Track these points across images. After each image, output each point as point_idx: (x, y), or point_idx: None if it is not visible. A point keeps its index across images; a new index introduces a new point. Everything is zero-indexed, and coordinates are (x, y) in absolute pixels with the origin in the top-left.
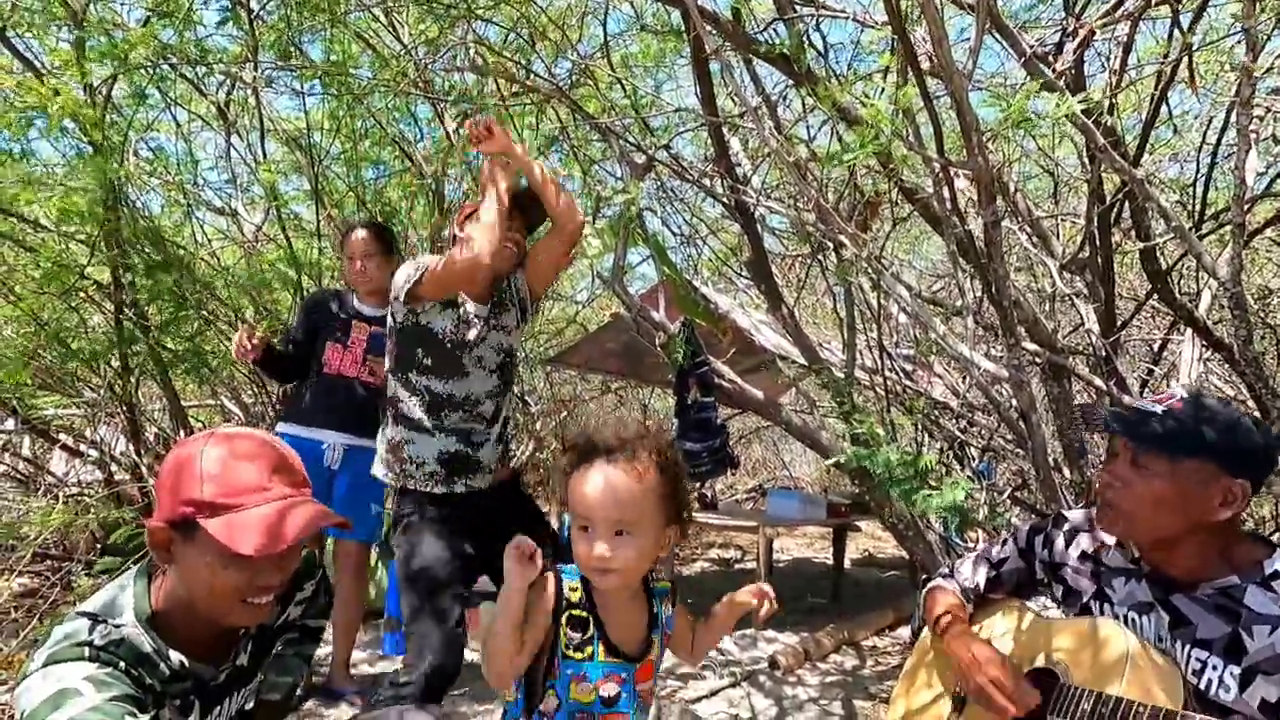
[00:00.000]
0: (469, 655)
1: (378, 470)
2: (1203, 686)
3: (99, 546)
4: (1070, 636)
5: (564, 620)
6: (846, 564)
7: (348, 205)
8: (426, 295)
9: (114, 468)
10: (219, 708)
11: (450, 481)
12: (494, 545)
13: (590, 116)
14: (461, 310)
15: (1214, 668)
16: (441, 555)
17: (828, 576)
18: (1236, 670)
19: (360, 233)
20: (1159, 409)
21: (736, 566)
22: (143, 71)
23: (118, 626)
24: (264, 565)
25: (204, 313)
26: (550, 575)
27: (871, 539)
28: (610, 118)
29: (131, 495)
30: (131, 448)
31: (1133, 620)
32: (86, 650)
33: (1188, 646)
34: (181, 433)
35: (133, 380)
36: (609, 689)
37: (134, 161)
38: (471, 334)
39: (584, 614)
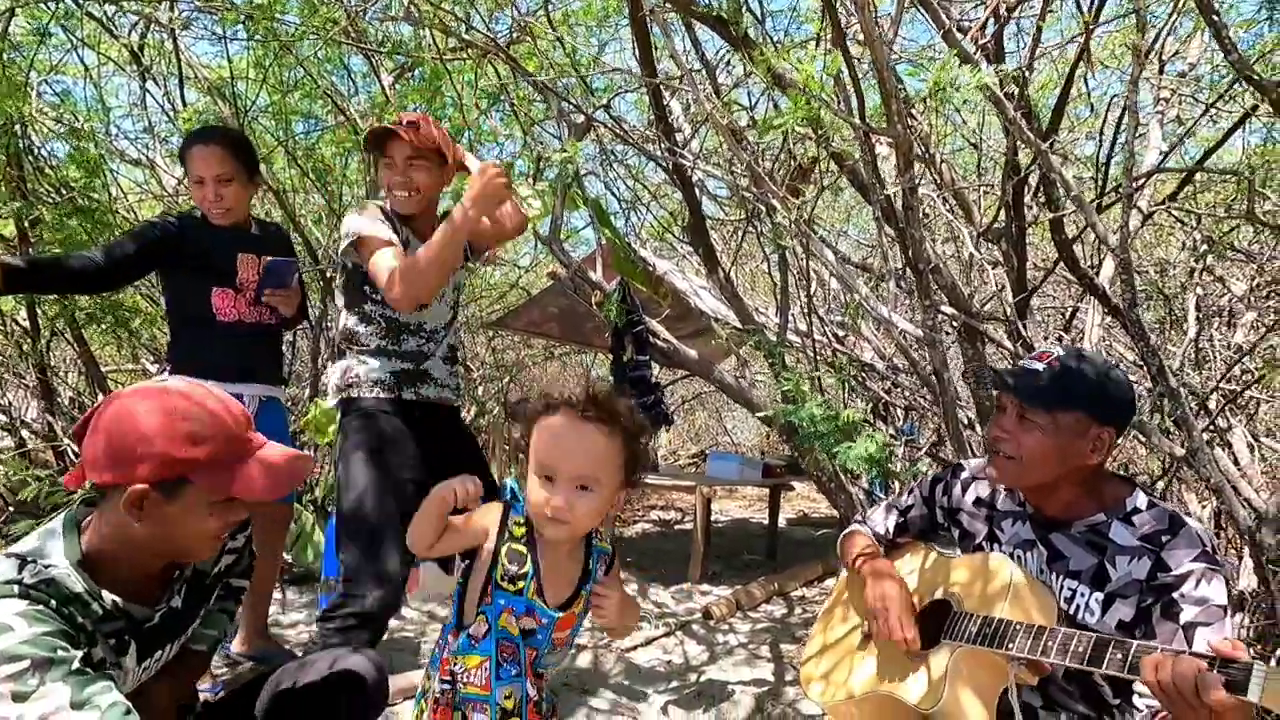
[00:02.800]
0: (408, 613)
1: (330, 401)
2: (1072, 611)
3: (10, 510)
4: (964, 570)
5: (504, 551)
6: (781, 523)
7: (277, 161)
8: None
9: (25, 433)
10: (160, 651)
11: (398, 389)
12: (436, 474)
13: (529, 73)
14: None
15: (1082, 595)
16: (381, 478)
17: (763, 535)
18: (1100, 596)
19: (211, 148)
20: (1040, 367)
21: (676, 527)
22: (43, 6)
23: (47, 567)
24: (239, 505)
25: None
26: (500, 506)
27: (806, 500)
28: (549, 76)
29: (44, 459)
30: (43, 410)
31: (1018, 556)
32: (16, 588)
33: (1062, 577)
34: (100, 395)
35: (44, 340)
36: (529, 624)
37: (37, 104)
38: None
39: (524, 550)
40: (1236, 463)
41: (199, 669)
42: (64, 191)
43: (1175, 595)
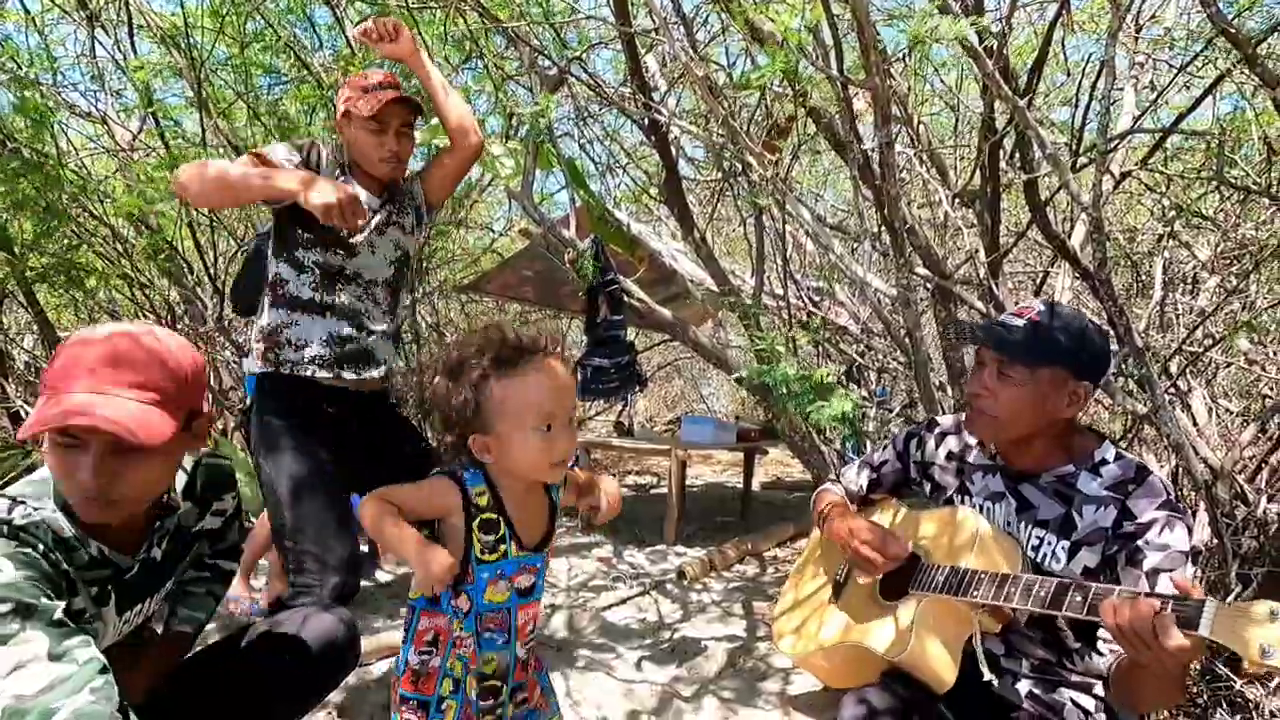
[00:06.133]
0: (382, 576)
1: (251, 365)
2: (1039, 559)
3: None
4: (933, 524)
5: (475, 526)
6: (755, 486)
7: (238, 117)
8: None
9: None
10: (139, 605)
11: (337, 367)
12: (366, 452)
13: (499, 21)
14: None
15: (1049, 543)
16: (315, 464)
17: (737, 498)
18: (1066, 544)
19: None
20: (1020, 322)
21: (651, 491)
22: None
23: (37, 509)
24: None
25: (75, 226)
26: (455, 485)
27: (780, 465)
28: (522, 25)
29: None
30: None
31: (987, 508)
32: (5, 528)
33: (1030, 527)
34: None
35: None
36: (525, 580)
37: None
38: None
39: (494, 516)
40: (1195, 423)
41: (185, 648)
42: (8, 143)
43: (1139, 542)
